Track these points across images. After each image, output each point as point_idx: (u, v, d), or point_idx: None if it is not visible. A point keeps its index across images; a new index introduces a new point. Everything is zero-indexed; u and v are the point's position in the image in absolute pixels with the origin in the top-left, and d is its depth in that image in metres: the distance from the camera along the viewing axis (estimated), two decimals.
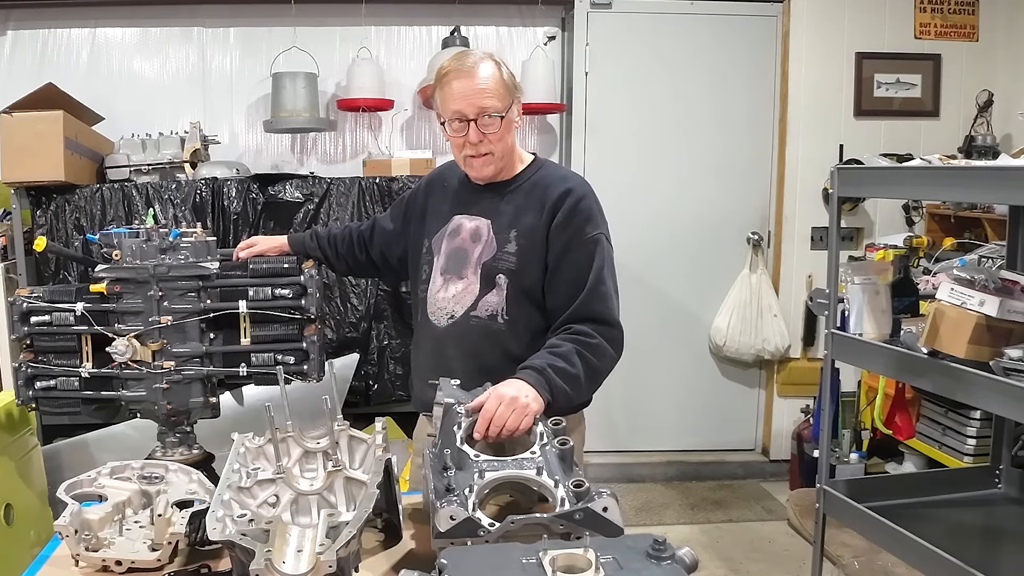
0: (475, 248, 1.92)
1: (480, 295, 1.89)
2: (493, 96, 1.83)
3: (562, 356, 1.77)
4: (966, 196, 3.05)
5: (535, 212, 1.90)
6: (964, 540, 2.31)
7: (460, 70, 1.84)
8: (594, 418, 4.32)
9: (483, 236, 1.91)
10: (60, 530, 1.37)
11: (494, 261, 1.88)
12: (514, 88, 1.90)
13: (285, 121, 3.90)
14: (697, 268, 4.31)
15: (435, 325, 1.94)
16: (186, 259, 2.20)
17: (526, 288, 1.88)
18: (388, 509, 1.47)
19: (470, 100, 1.82)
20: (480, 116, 1.83)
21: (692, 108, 4.24)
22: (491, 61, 1.87)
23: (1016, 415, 2.03)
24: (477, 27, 4.23)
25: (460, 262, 1.92)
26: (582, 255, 1.86)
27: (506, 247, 1.89)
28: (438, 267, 1.96)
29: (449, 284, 1.93)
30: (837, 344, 2.52)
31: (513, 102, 1.88)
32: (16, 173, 3.35)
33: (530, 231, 1.88)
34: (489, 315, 1.88)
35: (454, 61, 1.87)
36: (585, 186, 1.98)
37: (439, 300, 1.94)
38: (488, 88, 1.83)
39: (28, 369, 2.21)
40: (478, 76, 1.83)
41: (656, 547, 1.02)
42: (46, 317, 2.18)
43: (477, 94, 1.82)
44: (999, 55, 4.25)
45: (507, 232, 1.90)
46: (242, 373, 2.26)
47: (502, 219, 1.91)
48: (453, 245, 1.95)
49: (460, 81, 1.83)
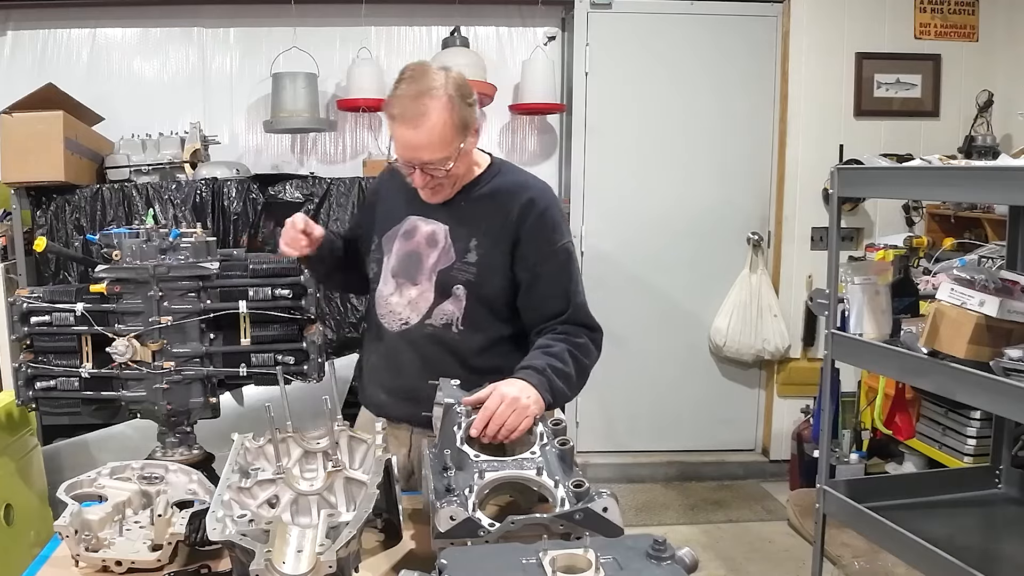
0: (430, 254, 1.85)
1: (435, 303, 1.83)
2: (437, 149, 1.70)
3: (557, 356, 1.75)
4: (966, 196, 3.05)
5: (498, 221, 1.82)
6: (964, 540, 2.30)
7: (405, 117, 1.68)
8: (594, 418, 4.39)
9: (440, 242, 1.85)
10: (60, 530, 1.37)
11: (452, 271, 1.82)
12: (465, 126, 1.73)
13: (285, 121, 3.90)
14: (697, 268, 4.31)
15: (386, 329, 1.89)
16: (186, 259, 2.20)
17: (485, 299, 1.83)
18: (388, 509, 1.47)
19: (413, 153, 1.72)
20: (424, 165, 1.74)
21: (692, 108, 4.24)
22: (441, 104, 1.68)
23: (1016, 415, 2.03)
24: (477, 27, 4.24)
25: (413, 267, 1.86)
26: (555, 267, 1.83)
27: (465, 256, 1.82)
28: (388, 268, 1.90)
29: (402, 289, 1.87)
30: (837, 344, 2.52)
31: (466, 138, 1.75)
32: (16, 173, 3.34)
33: (492, 242, 1.82)
34: (444, 323, 1.83)
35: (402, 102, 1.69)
36: (548, 192, 1.90)
37: (391, 304, 1.88)
38: (432, 143, 1.69)
39: (28, 369, 2.21)
40: (423, 129, 1.68)
41: (656, 547, 1.02)
42: (46, 317, 2.18)
43: (419, 149, 1.70)
44: (999, 55, 4.25)
45: (466, 241, 1.83)
46: (242, 373, 2.26)
47: (460, 226, 1.84)
48: (407, 248, 1.88)
49: (404, 129, 1.70)
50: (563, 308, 1.82)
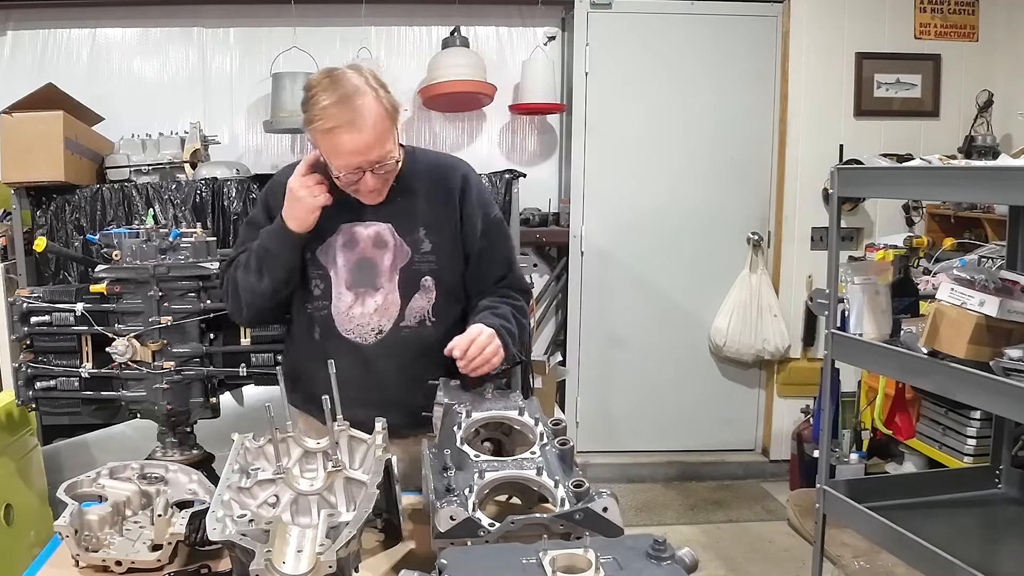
0: (383, 255, 1.81)
1: (404, 303, 1.81)
2: (383, 142, 1.68)
3: (504, 317, 1.82)
4: (966, 196, 3.05)
5: (440, 205, 1.83)
6: (964, 540, 2.30)
7: (342, 124, 1.64)
8: (594, 418, 4.39)
9: (388, 241, 1.81)
10: (60, 530, 1.37)
11: (412, 265, 1.81)
12: (395, 112, 1.71)
13: (285, 121, 3.89)
14: (697, 268, 4.31)
15: (358, 343, 1.82)
16: (186, 259, 2.20)
17: (450, 284, 1.86)
18: (388, 509, 1.47)
19: (363, 157, 1.68)
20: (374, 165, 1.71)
21: (692, 108, 4.24)
22: (372, 98, 1.66)
23: (1016, 415, 2.03)
24: (477, 27, 4.23)
25: (369, 273, 1.81)
26: (496, 236, 1.90)
27: (420, 247, 1.81)
28: (340, 281, 1.82)
29: (365, 299, 1.81)
30: (837, 344, 2.52)
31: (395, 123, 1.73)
32: (16, 173, 3.34)
33: (439, 226, 1.83)
34: (418, 321, 1.83)
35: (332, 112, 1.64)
36: (470, 168, 1.93)
37: (356, 316, 1.81)
38: (377, 139, 1.67)
39: (28, 369, 2.21)
40: (366, 129, 1.65)
41: (656, 547, 1.02)
42: (46, 317, 2.19)
43: (368, 149, 1.67)
44: (999, 55, 4.25)
45: (415, 232, 1.81)
46: (242, 373, 2.26)
47: (404, 220, 1.82)
48: (355, 257, 1.82)
49: (346, 136, 1.65)
50: (504, 273, 1.90)
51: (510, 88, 4.21)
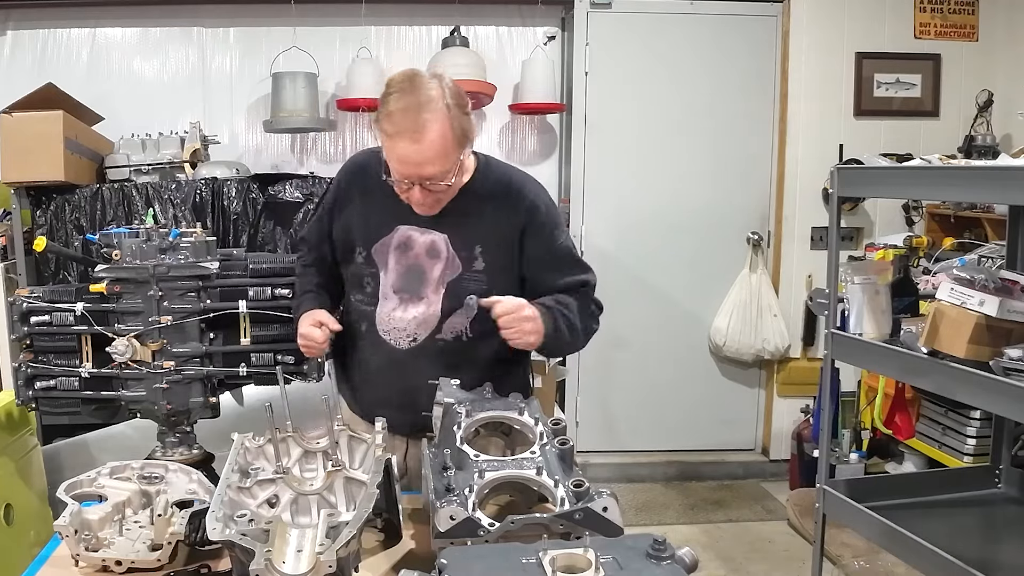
0: (434, 266, 1.80)
1: (444, 317, 1.80)
2: (439, 163, 1.65)
3: (567, 306, 1.80)
4: (966, 196, 3.05)
5: (501, 227, 1.80)
6: (964, 540, 2.30)
7: (404, 133, 1.62)
8: (594, 418, 4.39)
9: (442, 252, 1.80)
10: (60, 530, 1.37)
11: (461, 281, 1.79)
12: (465, 136, 1.68)
13: (285, 121, 3.90)
14: (697, 268, 4.31)
15: (392, 346, 1.83)
16: (186, 259, 2.20)
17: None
18: (388, 509, 1.47)
19: (415, 169, 1.66)
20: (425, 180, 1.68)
21: (692, 108, 4.24)
22: (441, 116, 1.62)
23: (1016, 415, 2.03)
24: (477, 27, 4.23)
25: (417, 281, 1.81)
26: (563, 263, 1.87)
27: (473, 265, 1.79)
28: (388, 283, 1.83)
29: (408, 305, 1.81)
30: (837, 344, 2.52)
31: (464, 149, 1.71)
32: (16, 173, 3.34)
33: (496, 247, 1.80)
34: (455, 336, 1.82)
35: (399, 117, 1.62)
36: (542, 191, 1.89)
37: (396, 320, 1.82)
38: (434, 158, 1.64)
39: (28, 369, 2.21)
40: (424, 144, 1.62)
41: (656, 547, 1.02)
42: (46, 317, 2.18)
43: (422, 165, 1.64)
44: (999, 55, 4.25)
45: (471, 248, 1.79)
46: (242, 373, 2.26)
47: (462, 234, 1.80)
48: (407, 262, 1.82)
49: (404, 145, 1.63)
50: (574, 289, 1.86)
51: (510, 88, 4.21)
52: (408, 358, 1.83)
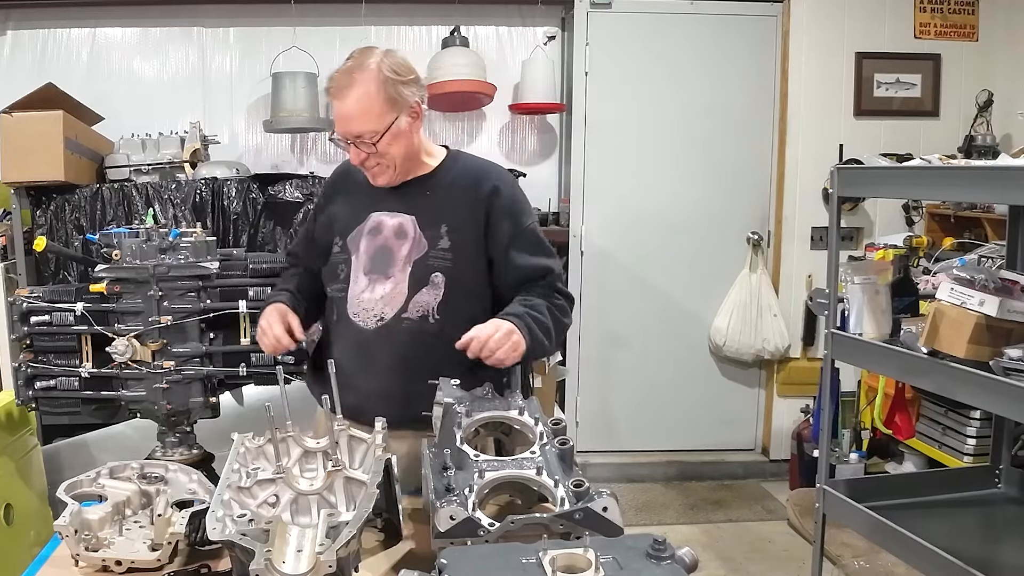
0: (401, 246, 1.85)
1: (410, 295, 1.84)
2: (365, 120, 1.75)
3: (536, 308, 1.82)
4: (966, 196, 3.05)
5: (465, 208, 1.86)
6: (964, 540, 2.30)
7: (336, 88, 1.76)
8: (594, 418, 4.39)
9: (409, 233, 1.85)
10: (60, 530, 1.37)
11: (427, 259, 1.84)
12: (399, 98, 1.77)
13: (285, 121, 3.90)
14: (697, 268, 4.31)
15: (361, 327, 1.85)
16: (186, 259, 2.20)
17: (464, 285, 1.86)
18: (388, 509, 1.47)
19: (345, 126, 1.78)
20: (355, 139, 1.78)
21: (692, 108, 4.24)
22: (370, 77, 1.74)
23: (1016, 415, 2.03)
24: (477, 27, 4.24)
25: (385, 261, 1.86)
26: (528, 245, 1.90)
27: (438, 244, 1.84)
28: (359, 267, 1.88)
29: (376, 285, 1.86)
30: (837, 344, 2.52)
31: (399, 114, 1.78)
32: (16, 173, 3.34)
33: (462, 227, 1.86)
34: (420, 315, 1.84)
35: (335, 78, 1.78)
36: (508, 177, 1.96)
37: (364, 301, 1.86)
38: (357, 114, 1.75)
39: (28, 369, 2.21)
40: (350, 99, 1.75)
41: (656, 547, 1.02)
42: (46, 317, 2.19)
43: (349, 120, 1.77)
44: (999, 55, 4.24)
45: (436, 228, 1.85)
46: (242, 373, 2.26)
47: (428, 214, 1.86)
48: (376, 244, 1.87)
49: (336, 103, 1.78)
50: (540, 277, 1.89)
51: (510, 88, 4.21)
52: (375, 338, 1.85)
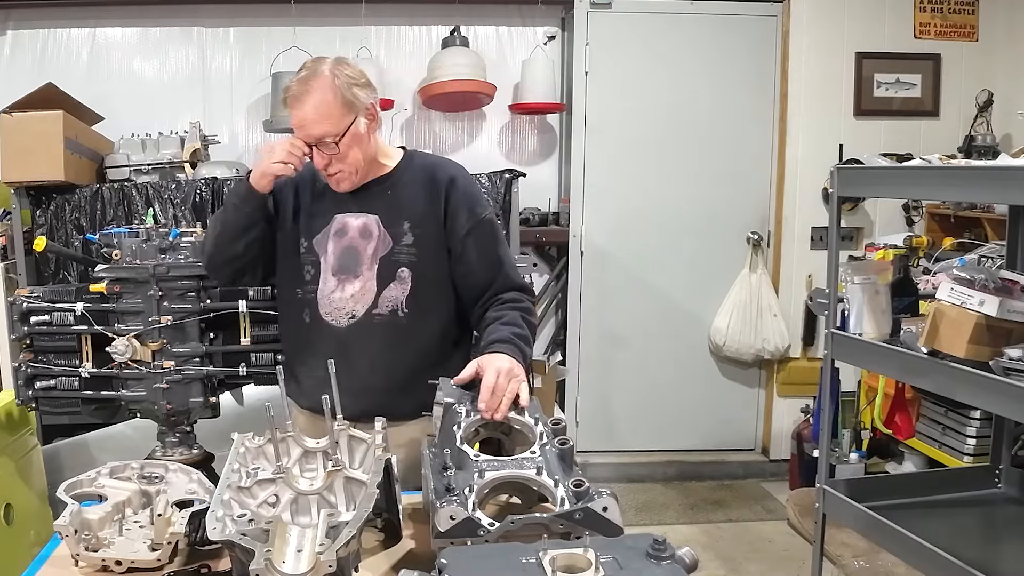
0: (367, 245, 1.90)
1: (379, 291, 1.89)
2: (324, 123, 1.80)
3: (515, 324, 1.85)
4: (966, 196, 3.05)
5: (424, 202, 1.92)
6: (964, 540, 2.30)
7: (293, 97, 1.82)
8: (594, 418, 4.39)
9: (373, 232, 1.90)
10: (60, 530, 1.37)
11: (392, 255, 1.89)
12: (355, 100, 1.83)
13: (285, 121, 3.87)
14: (697, 268, 4.31)
15: (334, 326, 1.90)
16: (186, 259, 2.20)
17: (430, 278, 1.91)
18: (388, 509, 1.47)
19: (304, 131, 1.82)
20: (317, 142, 1.83)
21: (692, 108, 4.24)
22: (325, 83, 1.80)
23: (1016, 415, 2.03)
24: (477, 27, 4.24)
25: (353, 261, 1.90)
26: (482, 237, 1.93)
27: (402, 240, 1.89)
28: (327, 268, 1.92)
29: (345, 284, 1.90)
30: (837, 344, 2.52)
31: (356, 116, 1.84)
32: (16, 173, 3.34)
33: (423, 220, 1.91)
34: (391, 310, 1.89)
35: (293, 84, 1.83)
36: (463, 170, 2.00)
37: (335, 301, 1.90)
38: (317, 119, 1.80)
39: (28, 369, 2.21)
40: (307, 104, 1.80)
41: (656, 547, 1.02)
42: (46, 317, 2.19)
43: (307, 125, 1.81)
44: (999, 55, 4.25)
45: (399, 225, 1.90)
46: (242, 373, 2.26)
47: (390, 213, 1.91)
48: (342, 245, 1.92)
49: (294, 111, 1.83)
50: (494, 274, 1.93)
51: (510, 88, 4.21)
52: (348, 336, 1.89)
